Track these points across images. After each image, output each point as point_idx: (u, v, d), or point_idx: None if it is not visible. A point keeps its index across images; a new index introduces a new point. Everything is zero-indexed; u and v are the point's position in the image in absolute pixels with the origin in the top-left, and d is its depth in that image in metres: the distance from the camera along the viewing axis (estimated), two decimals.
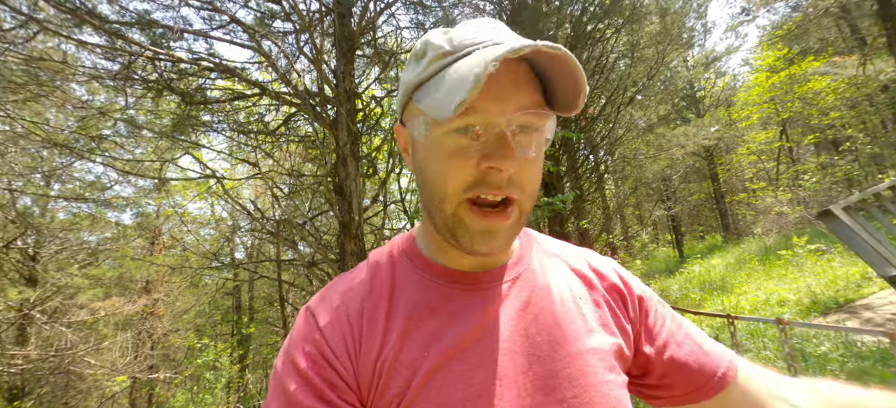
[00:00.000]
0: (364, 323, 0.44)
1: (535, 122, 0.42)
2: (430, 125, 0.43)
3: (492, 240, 0.43)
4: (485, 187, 0.41)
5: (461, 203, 0.42)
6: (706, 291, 8.19)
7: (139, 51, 3.68)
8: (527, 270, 0.51)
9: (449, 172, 0.42)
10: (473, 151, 0.41)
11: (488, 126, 0.41)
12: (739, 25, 15.08)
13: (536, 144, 0.43)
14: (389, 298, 0.47)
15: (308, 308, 0.47)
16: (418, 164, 0.46)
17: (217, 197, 6.27)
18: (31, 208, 5.56)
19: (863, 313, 5.19)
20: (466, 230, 0.43)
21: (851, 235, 3.91)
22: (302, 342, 0.44)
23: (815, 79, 11.57)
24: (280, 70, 4.48)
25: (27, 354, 4.78)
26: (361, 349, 0.43)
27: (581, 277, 0.54)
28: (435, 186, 0.44)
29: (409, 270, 0.49)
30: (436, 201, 0.44)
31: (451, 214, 0.43)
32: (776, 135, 15.18)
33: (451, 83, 0.39)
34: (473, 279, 0.48)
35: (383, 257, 0.52)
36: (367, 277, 0.49)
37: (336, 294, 0.47)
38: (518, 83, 0.41)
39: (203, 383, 6.85)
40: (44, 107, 4.85)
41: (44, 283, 5.42)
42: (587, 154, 8.09)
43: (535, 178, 0.44)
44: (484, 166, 0.40)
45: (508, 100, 0.40)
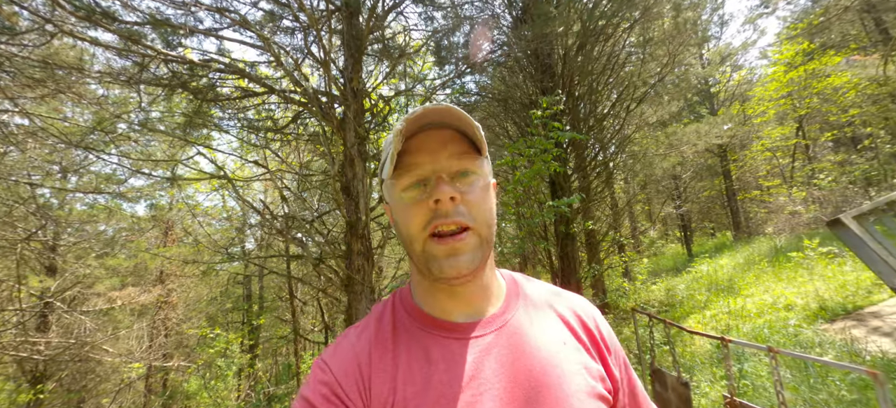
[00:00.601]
0: (372, 370, 0.51)
1: (465, 165, 0.53)
2: (391, 188, 0.54)
3: (455, 261, 0.50)
4: (438, 220, 0.50)
5: (426, 239, 0.51)
6: (712, 292, 8.13)
7: (153, 53, 3.74)
8: (513, 318, 0.56)
9: (411, 218, 0.52)
10: (424, 198, 0.51)
11: (429, 177, 0.52)
12: (758, 18, 14.61)
13: (475, 184, 0.53)
14: (393, 349, 0.53)
15: (322, 359, 0.54)
16: (395, 221, 0.57)
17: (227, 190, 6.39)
18: (50, 201, 5.75)
19: (871, 320, 5.13)
20: (434, 259, 0.51)
21: (860, 244, 3.85)
22: (318, 386, 0.50)
23: (835, 75, 11.21)
24: (288, 69, 4.51)
25: (48, 340, 4.99)
26: (372, 393, 0.49)
27: (566, 323, 0.58)
28: (405, 233, 0.53)
29: (408, 322, 0.56)
30: (408, 243, 0.53)
31: (421, 251, 0.52)
32: (792, 131, 14.80)
33: (389, 154, 0.53)
34: (464, 329, 0.54)
35: (386, 311, 0.58)
36: (373, 329, 0.56)
37: (348, 345, 0.54)
38: (444, 141, 0.53)
39: (215, 369, 7.08)
40: (61, 102, 4.97)
41: (63, 272, 5.63)
42: (596, 152, 8.00)
43: (484, 209, 0.53)
44: (431, 203, 0.50)
45: (438, 154, 0.52)
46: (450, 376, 0.49)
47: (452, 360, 0.51)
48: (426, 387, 0.49)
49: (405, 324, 0.55)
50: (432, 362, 0.51)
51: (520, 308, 0.58)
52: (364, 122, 4.94)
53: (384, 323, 0.56)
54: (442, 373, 0.50)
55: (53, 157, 5.49)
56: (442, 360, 0.51)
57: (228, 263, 7.84)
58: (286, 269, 6.64)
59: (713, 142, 11.11)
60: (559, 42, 6.98)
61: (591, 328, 0.59)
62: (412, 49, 5.72)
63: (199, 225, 7.24)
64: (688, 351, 5.65)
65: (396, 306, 0.58)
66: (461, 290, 0.54)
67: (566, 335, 0.56)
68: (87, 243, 5.96)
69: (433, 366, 0.50)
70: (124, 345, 6.09)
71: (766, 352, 1.86)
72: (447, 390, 0.48)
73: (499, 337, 0.53)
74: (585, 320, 0.60)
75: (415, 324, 0.55)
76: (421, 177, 0.52)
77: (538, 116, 4.76)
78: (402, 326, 0.55)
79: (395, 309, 0.58)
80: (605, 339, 0.60)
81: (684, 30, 6.48)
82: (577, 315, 0.60)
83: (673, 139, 9.48)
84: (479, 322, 0.54)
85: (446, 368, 0.50)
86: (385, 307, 0.59)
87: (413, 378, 0.49)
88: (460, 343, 0.52)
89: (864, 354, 4.12)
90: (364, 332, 0.55)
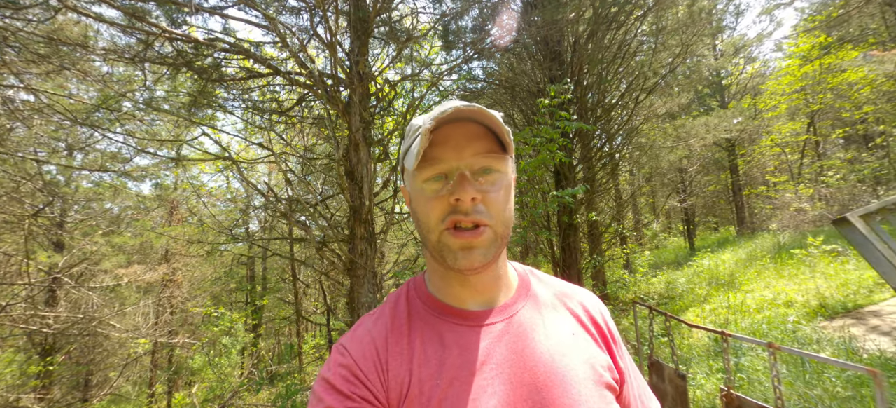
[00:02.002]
0: (389, 353, 0.53)
1: (488, 163, 0.53)
2: (412, 177, 0.55)
3: (469, 255, 0.52)
4: (457, 215, 0.52)
5: (442, 231, 0.53)
6: (713, 286, 8.14)
7: (158, 31, 3.70)
8: (524, 308, 0.58)
9: (430, 210, 0.53)
10: (445, 192, 0.52)
11: (452, 171, 0.52)
12: (775, 8, 14.24)
13: (498, 183, 0.54)
14: (408, 334, 0.55)
15: (341, 343, 0.56)
16: (412, 209, 0.58)
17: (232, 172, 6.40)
18: (56, 177, 5.79)
19: (870, 319, 5.13)
20: (449, 250, 0.52)
21: (866, 243, 3.82)
22: (338, 368, 0.52)
23: (851, 70, 10.94)
24: (293, 50, 4.46)
25: (57, 314, 5.09)
26: (390, 374, 0.51)
27: (575, 316, 0.60)
28: (423, 222, 0.55)
29: (422, 309, 0.58)
30: (425, 233, 0.55)
31: (437, 241, 0.53)
32: (803, 127, 14.56)
33: (415, 144, 0.53)
34: (477, 317, 0.56)
35: (401, 298, 0.60)
36: (388, 316, 0.58)
37: (364, 330, 0.56)
38: (470, 137, 0.53)
39: (219, 347, 7.22)
40: (66, 79, 4.95)
41: (71, 249, 5.70)
42: (603, 143, 7.92)
43: (502, 207, 0.54)
44: (452, 200, 0.51)
45: (463, 150, 0.53)
46: (463, 359, 0.51)
47: (466, 345, 0.53)
48: (440, 370, 0.51)
49: (420, 311, 0.57)
50: (446, 346, 0.53)
51: (531, 299, 0.60)
52: (369, 106, 4.90)
53: (399, 310, 0.58)
54: (455, 357, 0.52)
55: (59, 134, 5.51)
56: (455, 344, 0.53)
57: (233, 244, 7.92)
58: (289, 251, 6.69)
59: (722, 136, 10.95)
60: (569, 29, 6.85)
61: (599, 322, 0.61)
62: (420, 32, 5.62)
63: (203, 205, 7.28)
64: (685, 344, 5.69)
65: (411, 294, 0.60)
66: (474, 279, 0.56)
67: (575, 327, 0.59)
68: (93, 221, 6.02)
69: (447, 350, 0.52)
70: (131, 321, 6.22)
71: (766, 347, 1.86)
72: (460, 373, 0.50)
73: (510, 325, 0.55)
74: (593, 314, 0.62)
75: (429, 311, 0.57)
76: (443, 171, 0.53)
77: (545, 104, 4.70)
78: (416, 313, 0.57)
79: (410, 297, 0.60)
80: (612, 332, 0.62)
81: (699, 19, 6.32)
82: (585, 309, 0.62)
83: (681, 132, 9.35)
84: (491, 310, 0.56)
85: (459, 352, 0.52)
86: (400, 295, 0.61)
87: (428, 361, 0.52)
88: (473, 330, 0.54)
89: (861, 352, 4.14)
90: (380, 318, 0.57)
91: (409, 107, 5.69)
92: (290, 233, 6.71)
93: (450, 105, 0.50)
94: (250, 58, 4.61)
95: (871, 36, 10.86)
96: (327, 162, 5.56)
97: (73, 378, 6.39)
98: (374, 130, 5.34)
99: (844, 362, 1.63)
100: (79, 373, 6.31)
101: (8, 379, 5.39)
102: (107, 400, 6.50)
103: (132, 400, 7.98)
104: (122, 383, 7.26)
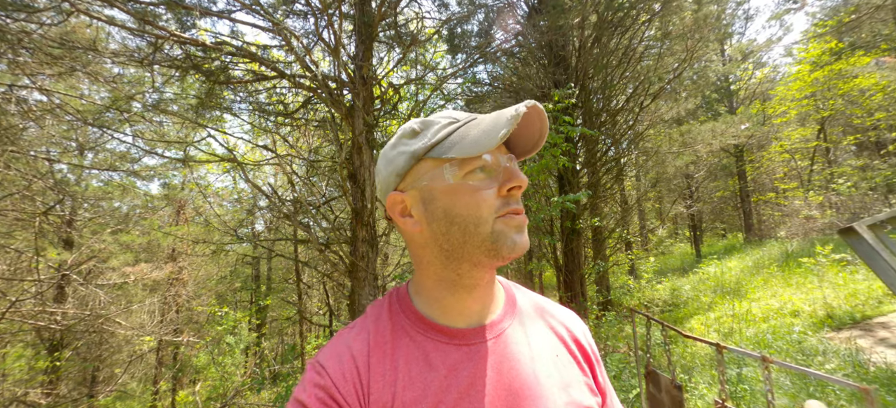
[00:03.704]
0: (371, 374, 0.50)
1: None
2: (459, 166, 0.52)
3: (522, 237, 0.53)
4: (509, 206, 0.53)
5: (496, 219, 0.52)
6: (718, 294, 8.05)
7: (167, 34, 3.77)
8: (510, 327, 0.57)
9: (480, 201, 0.51)
10: (494, 182, 0.52)
11: (494, 165, 0.53)
12: (785, 14, 14.08)
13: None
14: (392, 353, 0.52)
15: (317, 361, 0.52)
16: (440, 210, 0.53)
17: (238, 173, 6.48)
18: (67, 176, 5.92)
19: (879, 331, 5.03)
20: (506, 237, 0.52)
21: (873, 254, 3.75)
22: (314, 389, 0.49)
23: (863, 76, 10.77)
24: (298, 53, 4.51)
25: (65, 311, 5.19)
26: (371, 398, 0.49)
27: (558, 336, 0.60)
28: (468, 218, 0.51)
29: (407, 326, 0.55)
30: (471, 228, 0.51)
31: (490, 231, 0.51)
32: (813, 133, 14.35)
33: (487, 127, 0.51)
34: (465, 336, 0.54)
35: (383, 313, 0.57)
36: (371, 331, 0.55)
37: (344, 346, 0.53)
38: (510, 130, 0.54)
39: (223, 346, 7.30)
40: (78, 81, 5.06)
41: (79, 246, 5.81)
42: (608, 147, 7.88)
43: None
44: (506, 189, 0.52)
45: (500, 148, 0.55)
46: (449, 382, 0.50)
47: (452, 366, 0.51)
48: (425, 393, 0.49)
49: (404, 327, 0.55)
50: (432, 367, 0.51)
51: (516, 317, 0.59)
52: (373, 109, 4.94)
53: (382, 325, 0.55)
54: (441, 379, 0.50)
55: (70, 134, 5.63)
56: (442, 365, 0.51)
57: (238, 244, 8.00)
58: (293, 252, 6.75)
59: (729, 141, 10.84)
60: (574, 33, 6.84)
61: (581, 342, 0.61)
62: (425, 36, 5.66)
63: (210, 206, 7.37)
64: (688, 353, 5.63)
65: (393, 308, 0.58)
66: (478, 292, 0.56)
67: (559, 348, 0.58)
68: (102, 219, 6.13)
69: (433, 371, 0.51)
70: (137, 319, 6.31)
71: (760, 361, 1.85)
72: (446, 397, 0.49)
73: (496, 345, 0.54)
74: (576, 335, 0.61)
75: (414, 328, 0.55)
76: (486, 164, 0.53)
77: (550, 109, 4.70)
78: (401, 329, 0.55)
79: (393, 311, 0.57)
80: (594, 352, 0.62)
81: (705, 24, 6.28)
82: (567, 329, 0.61)
83: (687, 137, 9.28)
84: (477, 329, 0.55)
85: (446, 373, 0.50)
86: (381, 309, 0.58)
87: (412, 383, 0.50)
88: (459, 350, 0.53)
89: (868, 365, 4.06)
90: (360, 333, 0.54)
91: (413, 110, 5.72)
92: (294, 234, 6.76)
93: (524, 107, 0.50)
94: (257, 61, 4.67)
95: (883, 42, 10.68)
96: (331, 164, 5.60)
97: (80, 374, 6.50)
98: (378, 133, 5.38)
99: (835, 379, 1.61)
100: (85, 369, 6.42)
101: (16, 373, 5.50)
102: (112, 396, 6.61)
103: (137, 397, 8.10)
104: (128, 379, 7.37)
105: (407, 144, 0.55)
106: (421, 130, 0.55)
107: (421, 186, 0.54)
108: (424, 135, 0.54)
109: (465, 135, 0.52)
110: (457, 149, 0.51)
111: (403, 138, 0.57)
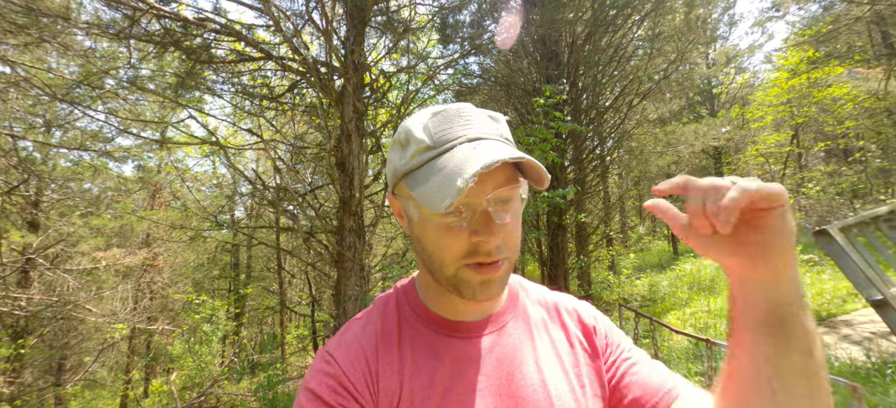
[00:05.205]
0: (380, 363, 0.51)
1: (509, 194, 0.49)
2: (422, 208, 0.49)
3: (488, 289, 0.50)
4: (477, 256, 0.48)
5: (460, 267, 0.49)
6: (694, 290, 8.32)
7: (145, 7, 3.56)
8: (513, 319, 0.58)
9: (445, 246, 0.49)
10: (464, 227, 0.48)
11: (472, 206, 0.48)
12: (768, 21, 14.50)
13: (513, 211, 0.51)
14: (399, 343, 0.53)
15: (326, 350, 0.53)
16: (415, 235, 0.53)
17: (219, 156, 6.26)
18: (32, 154, 5.56)
19: (842, 328, 5.30)
20: (467, 285, 0.50)
21: (843, 255, 3.95)
22: (324, 378, 0.49)
23: (836, 85, 11.24)
24: (287, 35, 4.35)
25: (30, 296, 4.92)
26: (380, 385, 0.50)
27: (562, 324, 0.60)
28: (433, 255, 0.51)
29: (413, 318, 0.56)
30: (436, 265, 0.51)
31: (453, 275, 0.50)
32: (787, 139, 14.93)
33: (439, 183, 0.45)
34: (468, 329, 0.55)
35: (390, 305, 0.58)
36: (378, 322, 0.55)
37: (352, 337, 0.53)
38: (491, 168, 0.46)
39: (200, 334, 7.10)
40: (45, 52, 4.74)
41: (46, 229, 5.50)
42: (595, 145, 7.98)
43: (517, 235, 0.52)
44: (473, 240, 0.47)
45: (485, 183, 0.47)
46: (455, 370, 0.51)
47: (458, 356, 0.52)
48: (432, 380, 0.50)
49: (410, 320, 0.56)
50: (438, 357, 0.52)
51: (520, 308, 0.59)
52: (363, 96, 4.82)
53: (389, 317, 0.56)
54: (448, 368, 0.51)
55: (37, 109, 5.27)
56: (447, 355, 0.52)
57: (217, 231, 7.75)
58: (276, 240, 6.59)
59: (710, 143, 11.17)
60: (567, 30, 6.85)
61: (588, 326, 0.60)
62: (417, 24, 5.54)
63: (188, 190, 7.10)
64: (666, 346, 5.80)
65: (400, 301, 0.58)
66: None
67: (562, 338, 0.58)
68: (71, 201, 5.81)
69: (439, 361, 0.52)
70: (108, 305, 6.04)
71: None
72: (453, 384, 0.50)
73: (500, 336, 0.55)
74: (584, 319, 0.61)
75: (420, 321, 0.56)
76: (462, 203, 0.47)
77: (541, 103, 4.69)
78: (407, 322, 0.56)
79: (400, 304, 0.58)
80: (605, 331, 0.60)
81: (695, 26, 6.39)
82: (573, 317, 0.61)
83: (671, 137, 9.51)
84: (481, 322, 0.55)
85: (452, 363, 0.51)
86: (388, 301, 0.59)
87: (419, 372, 0.51)
88: (464, 341, 0.54)
89: (832, 360, 4.27)
90: (368, 324, 0.55)
91: (404, 99, 5.62)
92: (276, 221, 6.60)
93: (490, 157, 0.43)
94: (242, 40, 4.48)
95: (857, 53, 11.16)
96: (318, 151, 5.46)
97: (46, 362, 6.19)
98: (368, 121, 5.27)
99: (833, 378, 1.66)
100: (51, 357, 6.11)
101: None
102: (80, 385, 6.34)
103: (107, 386, 7.80)
104: (97, 368, 7.08)
105: (394, 155, 0.54)
106: (405, 145, 0.52)
107: (403, 203, 0.55)
108: (405, 152, 0.52)
109: (428, 177, 0.47)
110: (418, 191, 0.48)
111: (394, 146, 0.55)
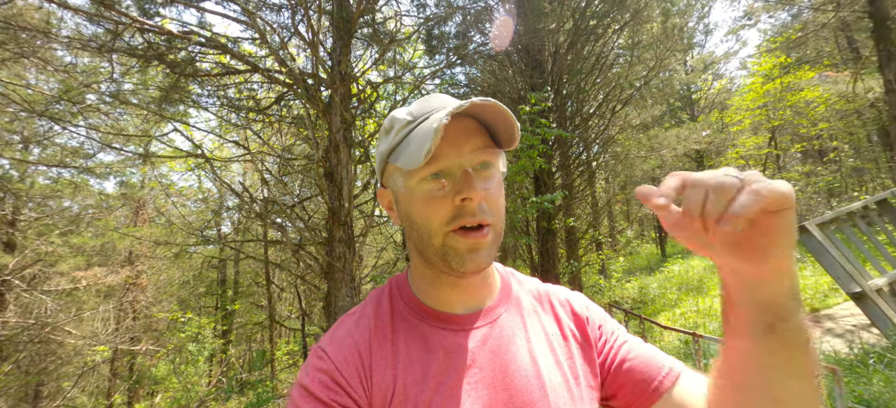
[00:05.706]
0: (373, 358, 0.51)
1: (488, 158, 0.52)
2: (407, 177, 0.52)
3: (477, 257, 0.50)
4: (463, 218, 0.49)
5: (447, 234, 0.50)
6: (683, 291, 8.46)
7: (128, 21, 3.53)
8: (506, 311, 0.58)
9: (431, 212, 0.50)
10: (446, 191, 0.50)
11: (452, 169, 0.50)
12: (741, 29, 15.07)
13: (496, 179, 0.53)
14: (392, 338, 0.53)
15: (320, 346, 0.53)
16: (403, 213, 0.55)
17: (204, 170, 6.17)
18: (9, 172, 5.39)
19: (826, 322, 5.44)
20: (456, 253, 0.50)
21: (822, 250, 4.09)
22: (317, 373, 0.49)
23: (808, 89, 11.72)
24: (273, 47, 4.35)
25: (6, 320, 4.72)
26: (373, 380, 0.50)
27: (556, 316, 0.60)
28: (422, 226, 0.52)
29: (406, 312, 0.56)
30: (425, 237, 0.51)
31: (441, 245, 0.51)
32: (765, 141, 15.44)
33: (417, 140, 0.49)
34: (462, 321, 0.55)
35: (383, 300, 0.58)
36: (372, 317, 0.55)
37: (346, 332, 0.54)
38: (468, 133, 0.51)
39: (185, 354, 6.89)
40: (24, 68, 4.64)
41: (23, 249, 5.31)
42: (581, 151, 8.13)
43: (500, 204, 0.53)
44: (458, 200, 0.49)
45: (463, 146, 0.50)
46: (448, 364, 0.51)
47: (450, 349, 0.52)
48: (425, 375, 0.50)
49: (403, 314, 0.56)
50: (431, 351, 0.52)
51: (513, 300, 0.59)
52: (351, 107, 4.83)
53: (382, 311, 0.56)
54: (441, 362, 0.51)
55: (14, 126, 5.12)
56: (440, 348, 0.52)
57: (203, 246, 7.60)
58: (264, 254, 6.50)
59: (692, 147, 11.48)
60: (550, 39, 7.01)
61: (581, 317, 0.60)
62: (403, 35, 5.61)
63: (172, 205, 6.96)
64: (656, 344, 5.86)
65: (394, 295, 0.58)
66: (465, 283, 0.55)
67: (554, 328, 0.58)
68: (49, 219, 5.62)
69: (432, 355, 0.51)
70: (89, 327, 5.82)
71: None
72: (445, 378, 0.50)
73: (493, 329, 0.55)
74: (577, 310, 0.61)
75: (413, 314, 0.55)
76: (441, 169, 0.50)
77: (526, 111, 4.77)
78: (400, 315, 0.56)
79: (393, 298, 0.58)
80: (599, 321, 0.60)
81: (672, 35, 6.62)
82: (566, 309, 0.61)
83: (654, 142, 9.74)
84: (475, 314, 0.56)
85: (445, 357, 0.51)
86: (382, 295, 0.58)
87: (413, 367, 0.50)
88: (457, 334, 0.54)
89: (818, 353, 4.38)
90: (361, 319, 0.55)
91: (391, 109, 5.65)
92: (264, 235, 6.51)
93: (466, 102, 0.47)
94: (227, 53, 4.46)
95: (826, 58, 11.67)
96: (305, 163, 5.43)
97: (21, 389, 5.91)
98: (356, 131, 5.27)
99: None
100: (28, 384, 5.84)
101: None
102: None
103: None
104: (77, 393, 6.79)
105: (380, 143, 0.57)
106: (390, 129, 0.56)
107: (391, 185, 0.56)
108: (389, 136, 0.55)
109: (410, 142, 0.51)
110: (401, 158, 0.51)
111: (381, 135, 0.57)
